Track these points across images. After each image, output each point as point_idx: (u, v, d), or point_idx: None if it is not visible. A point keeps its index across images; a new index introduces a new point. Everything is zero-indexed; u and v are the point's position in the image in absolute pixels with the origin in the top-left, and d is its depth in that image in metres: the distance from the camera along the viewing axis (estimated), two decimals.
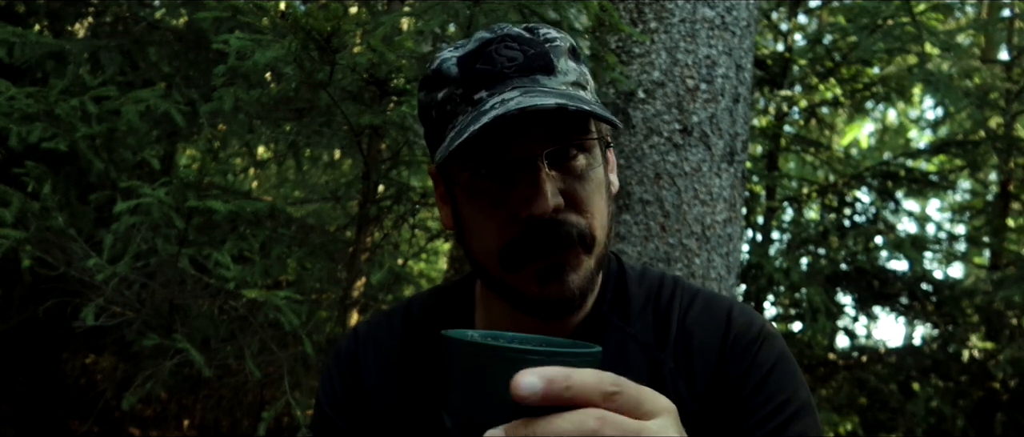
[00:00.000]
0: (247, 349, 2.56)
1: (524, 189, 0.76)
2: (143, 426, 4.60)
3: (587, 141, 0.80)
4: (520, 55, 0.79)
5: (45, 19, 3.88)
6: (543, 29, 0.83)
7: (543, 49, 0.80)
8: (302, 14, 1.97)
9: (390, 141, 2.64)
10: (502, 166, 0.77)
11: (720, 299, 0.89)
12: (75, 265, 2.56)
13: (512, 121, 0.76)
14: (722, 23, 2.34)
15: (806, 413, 0.82)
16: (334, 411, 0.94)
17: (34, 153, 2.66)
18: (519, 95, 0.75)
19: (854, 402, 5.23)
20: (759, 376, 0.82)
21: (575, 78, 0.81)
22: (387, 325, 0.97)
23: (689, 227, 2.20)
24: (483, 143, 0.77)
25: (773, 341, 0.85)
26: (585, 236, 0.79)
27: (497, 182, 0.78)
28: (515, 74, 0.78)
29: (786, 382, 0.83)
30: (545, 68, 0.79)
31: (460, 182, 0.81)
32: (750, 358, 0.83)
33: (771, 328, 0.87)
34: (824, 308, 4.44)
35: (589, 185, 0.79)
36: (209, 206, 2.38)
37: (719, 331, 0.85)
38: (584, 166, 0.80)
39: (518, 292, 0.81)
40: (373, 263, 3.03)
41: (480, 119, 0.73)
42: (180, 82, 3.26)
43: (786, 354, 0.85)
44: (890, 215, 5.34)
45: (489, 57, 0.79)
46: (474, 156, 0.78)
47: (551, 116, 0.76)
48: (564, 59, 0.81)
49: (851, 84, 5.30)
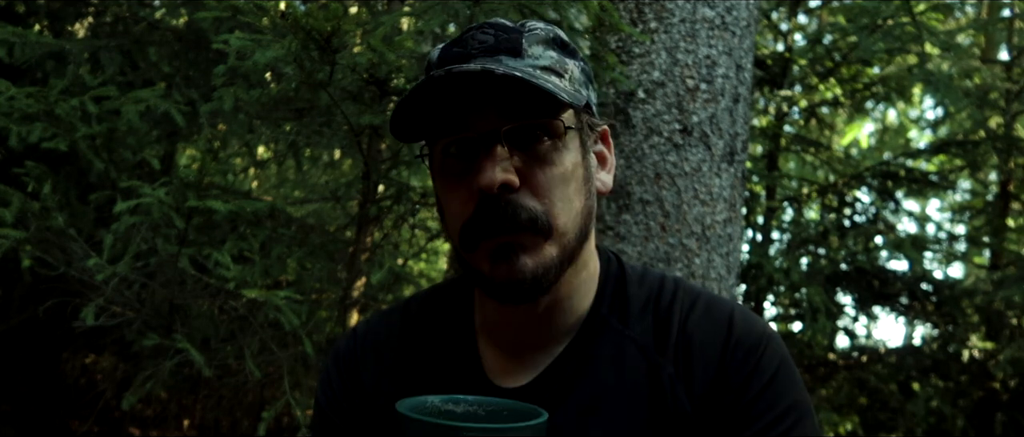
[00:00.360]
0: (247, 349, 2.56)
1: (479, 164, 0.77)
2: (143, 426, 4.60)
3: (551, 125, 0.79)
4: (491, 38, 0.81)
5: (45, 19, 3.88)
6: (532, 22, 0.84)
7: (516, 34, 0.82)
8: (302, 14, 1.98)
9: (390, 141, 2.64)
10: (464, 143, 0.79)
11: (721, 302, 0.88)
12: (75, 265, 2.56)
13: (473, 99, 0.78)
14: (722, 23, 2.34)
15: (807, 418, 0.82)
16: (333, 411, 0.94)
17: (34, 153, 2.66)
18: (459, 67, 0.77)
19: (854, 402, 5.23)
20: (761, 383, 0.82)
21: (548, 64, 0.81)
22: (386, 325, 0.97)
23: (689, 227, 2.20)
24: (445, 119, 0.79)
25: (775, 346, 0.85)
26: (537, 220, 0.78)
27: (461, 159, 0.80)
28: (480, 54, 0.80)
29: (788, 388, 0.82)
30: (511, 51, 0.80)
31: (433, 161, 0.84)
32: (752, 364, 0.82)
33: (772, 333, 0.86)
34: (824, 308, 4.43)
35: (552, 170, 0.79)
36: (209, 206, 2.38)
37: (721, 336, 0.84)
38: (548, 150, 0.79)
39: (476, 272, 0.82)
40: (373, 263, 3.03)
41: (412, 89, 0.77)
42: (180, 82, 3.26)
43: (787, 359, 0.85)
44: (890, 215, 5.33)
45: (464, 41, 0.81)
46: (437, 131, 0.81)
47: (514, 98, 0.78)
48: (538, 46, 0.82)
49: (851, 84, 5.30)
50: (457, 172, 0.80)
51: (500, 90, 0.77)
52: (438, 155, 0.82)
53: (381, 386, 0.92)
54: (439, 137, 0.81)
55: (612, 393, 0.83)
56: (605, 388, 0.84)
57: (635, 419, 0.82)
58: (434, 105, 0.79)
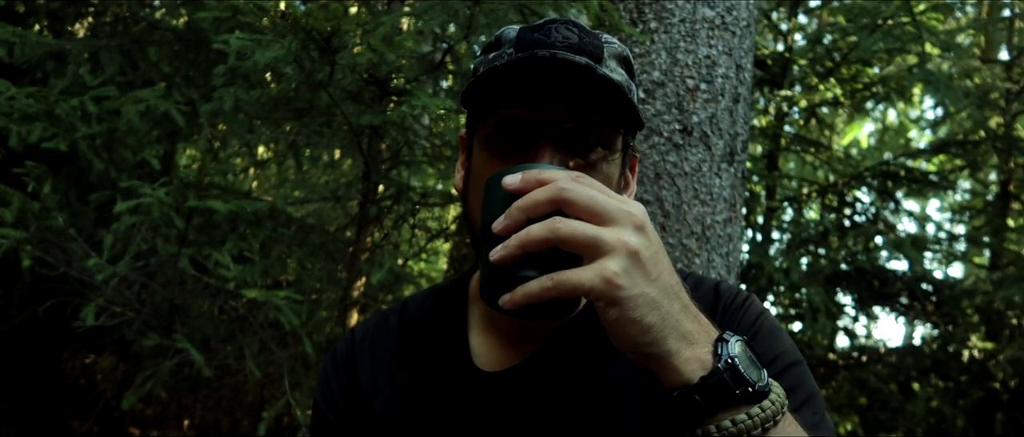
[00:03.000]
0: (247, 349, 2.56)
1: (533, 151, 0.78)
2: (143, 426, 4.60)
3: (609, 134, 0.81)
4: (575, 38, 0.81)
5: (45, 19, 3.87)
6: (606, 34, 0.85)
7: (598, 41, 0.82)
8: (302, 14, 1.98)
9: (390, 141, 2.64)
10: (524, 124, 0.79)
11: (707, 279, 0.92)
12: (75, 265, 2.56)
13: (550, 86, 0.78)
14: (722, 23, 2.34)
15: (799, 364, 0.83)
16: (332, 412, 0.94)
17: (34, 153, 2.66)
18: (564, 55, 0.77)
19: (854, 402, 5.23)
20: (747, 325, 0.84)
21: (619, 80, 0.82)
22: (383, 326, 0.97)
23: (689, 227, 2.20)
24: (516, 95, 0.79)
25: (757, 304, 0.88)
26: None
27: (514, 141, 0.80)
28: (564, 49, 0.79)
29: (777, 337, 0.85)
30: (593, 55, 0.80)
31: (480, 130, 0.83)
32: (739, 316, 0.86)
33: (755, 297, 0.90)
34: (824, 308, 4.43)
35: (598, 178, 0.80)
36: (209, 206, 2.38)
37: (709, 304, 0.87)
38: (599, 159, 0.81)
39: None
40: (373, 263, 3.03)
41: (510, 59, 0.77)
42: (180, 82, 3.26)
43: (770, 315, 0.88)
44: (890, 215, 5.33)
45: (547, 31, 0.81)
46: (502, 103, 0.80)
47: (587, 100, 0.78)
48: (613, 59, 0.83)
49: (851, 84, 5.30)
50: (505, 152, 0.80)
51: (574, 87, 0.78)
52: (490, 128, 0.82)
53: (379, 387, 0.93)
54: (502, 108, 0.80)
55: (602, 371, 0.84)
56: (594, 367, 0.85)
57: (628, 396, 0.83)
58: (508, 81, 0.79)
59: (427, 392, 0.89)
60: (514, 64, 0.77)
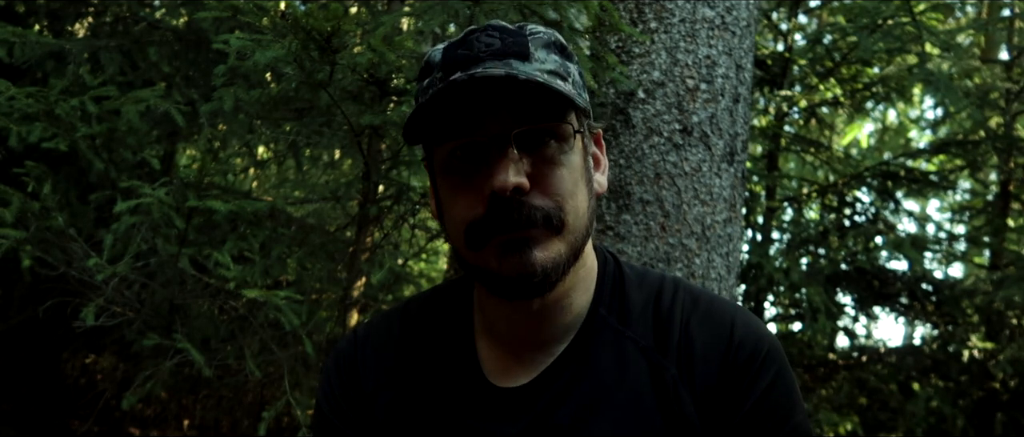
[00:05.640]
0: (247, 349, 2.56)
1: (490, 167, 0.78)
2: (143, 426, 4.60)
3: (559, 129, 0.81)
4: (498, 42, 0.81)
5: (45, 19, 3.87)
6: (531, 25, 0.85)
7: (522, 38, 0.82)
8: (302, 14, 1.97)
9: (390, 141, 2.64)
10: (473, 146, 0.80)
11: (722, 305, 0.89)
12: (75, 265, 2.56)
13: (483, 102, 0.79)
14: (722, 23, 2.34)
15: (803, 431, 0.83)
16: (333, 413, 0.94)
17: (34, 153, 2.66)
18: (482, 71, 0.77)
19: (854, 402, 5.22)
20: (759, 393, 0.82)
21: (553, 67, 0.82)
22: (386, 327, 0.97)
23: (689, 227, 2.20)
24: (455, 122, 0.80)
25: (775, 356, 0.85)
26: (551, 217, 0.79)
27: (468, 162, 0.80)
28: (489, 57, 0.80)
29: (786, 401, 0.83)
30: (519, 55, 0.81)
31: (437, 161, 0.84)
32: (752, 374, 0.83)
33: (773, 341, 0.86)
34: (824, 308, 4.43)
35: (560, 171, 0.81)
36: (209, 206, 2.38)
37: (722, 342, 0.84)
38: (555, 153, 0.81)
39: (482, 270, 0.82)
40: (373, 263, 3.03)
41: (434, 92, 0.78)
42: (180, 82, 3.26)
43: (785, 370, 0.85)
44: (890, 215, 5.32)
45: (469, 43, 0.82)
46: (446, 133, 0.81)
47: (523, 101, 0.79)
48: (542, 50, 0.83)
49: (851, 84, 5.29)
50: (464, 174, 0.81)
51: (512, 94, 0.78)
52: (443, 156, 0.82)
53: (381, 388, 0.92)
54: (447, 139, 0.81)
55: (614, 393, 0.84)
56: (606, 388, 0.84)
57: (640, 419, 0.82)
58: (443, 107, 0.80)
59: (436, 400, 0.89)
60: (439, 95, 0.77)
